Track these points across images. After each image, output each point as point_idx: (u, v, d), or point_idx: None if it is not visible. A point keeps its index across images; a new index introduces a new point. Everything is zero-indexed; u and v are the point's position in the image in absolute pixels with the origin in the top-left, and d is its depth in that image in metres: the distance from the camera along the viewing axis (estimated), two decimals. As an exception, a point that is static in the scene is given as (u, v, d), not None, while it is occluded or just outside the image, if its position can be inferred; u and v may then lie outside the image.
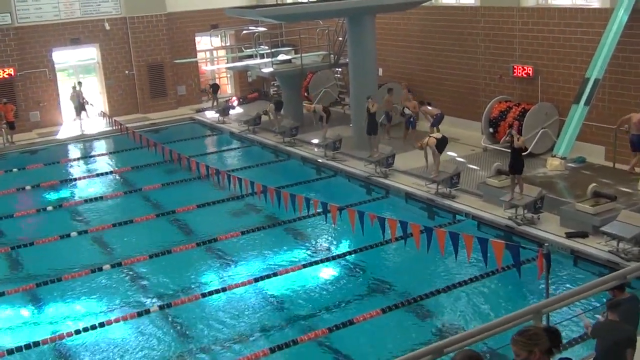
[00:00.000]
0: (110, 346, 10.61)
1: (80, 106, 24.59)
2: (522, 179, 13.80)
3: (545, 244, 9.71)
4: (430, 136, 15.90)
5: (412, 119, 18.92)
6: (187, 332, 10.96)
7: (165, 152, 17.84)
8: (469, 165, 17.16)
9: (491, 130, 18.38)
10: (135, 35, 25.59)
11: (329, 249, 13.95)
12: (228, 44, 27.30)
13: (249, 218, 15.66)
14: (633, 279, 7.58)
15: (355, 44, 19.08)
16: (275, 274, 12.41)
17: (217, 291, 11.95)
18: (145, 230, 15.22)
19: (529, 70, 18.09)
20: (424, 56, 21.63)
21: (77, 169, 20.70)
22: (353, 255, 13.26)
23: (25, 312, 12.01)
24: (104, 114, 24.35)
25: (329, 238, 14.50)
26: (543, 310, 6.64)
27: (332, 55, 22.68)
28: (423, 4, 19.95)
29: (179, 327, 11.15)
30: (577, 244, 12.34)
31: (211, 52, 27.69)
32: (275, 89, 26.32)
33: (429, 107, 19.25)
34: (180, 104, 26.80)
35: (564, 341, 9.41)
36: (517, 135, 14.09)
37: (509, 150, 14.23)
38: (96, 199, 17.36)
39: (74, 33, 24.83)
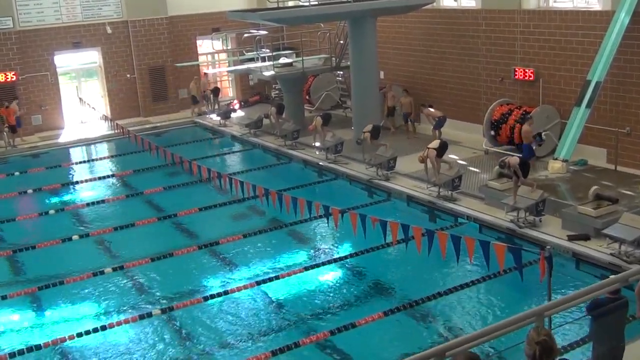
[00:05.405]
0: (112, 349, 10.61)
1: (194, 98, 25.75)
2: (526, 182, 13.76)
3: (547, 247, 9.71)
4: (428, 148, 15.60)
5: (539, 145, 16.60)
6: (189, 335, 10.97)
7: (167, 156, 17.86)
8: (470, 168, 17.17)
9: (492, 133, 18.38)
10: (137, 38, 25.61)
11: (330, 252, 13.95)
12: (229, 47, 27.33)
13: (250, 221, 15.68)
14: (635, 282, 7.57)
15: (357, 47, 19.09)
16: (277, 277, 12.39)
17: (219, 294, 11.94)
18: (147, 233, 15.21)
19: (531, 72, 18.10)
20: (425, 59, 21.64)
21: (79, 173, 20.71)
22: (355, 258, 13.23)
23: (27, 315, 12.01)
24: (105, 118, 24.40)
25: (331, 241, 14.51)
26: (545, 313, 6.65)
27: (333, 59, 22.70)
28: (424, 7, 19.97)
29: (181, 330, 11.15)
30: (579, 247, 12.32)
31: (213, 56, 27.73)
32: (277, 92, 26.33)
33: (431, 110, 19.24)
34: (181, 107, 26.81)
35: (566, 344, 9.45)
36: (507, 161, 13.93)
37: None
38: (98, 202, 17.35)
39: (75, 37, 24.87)
